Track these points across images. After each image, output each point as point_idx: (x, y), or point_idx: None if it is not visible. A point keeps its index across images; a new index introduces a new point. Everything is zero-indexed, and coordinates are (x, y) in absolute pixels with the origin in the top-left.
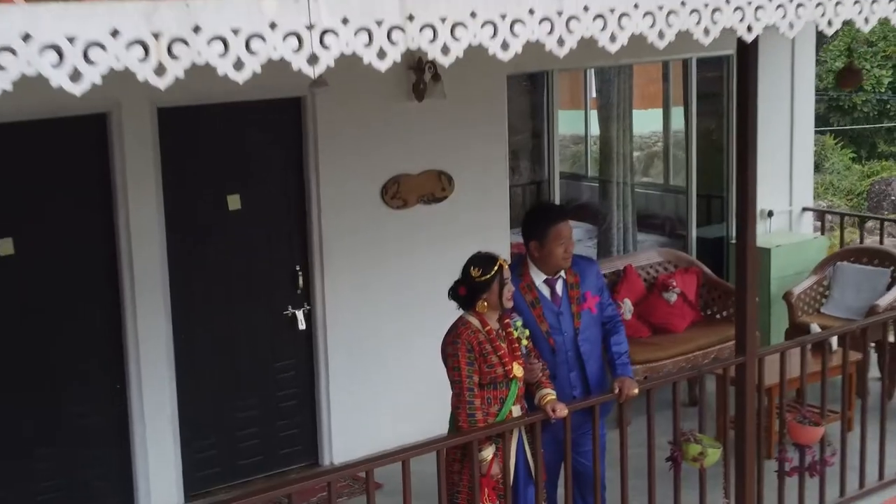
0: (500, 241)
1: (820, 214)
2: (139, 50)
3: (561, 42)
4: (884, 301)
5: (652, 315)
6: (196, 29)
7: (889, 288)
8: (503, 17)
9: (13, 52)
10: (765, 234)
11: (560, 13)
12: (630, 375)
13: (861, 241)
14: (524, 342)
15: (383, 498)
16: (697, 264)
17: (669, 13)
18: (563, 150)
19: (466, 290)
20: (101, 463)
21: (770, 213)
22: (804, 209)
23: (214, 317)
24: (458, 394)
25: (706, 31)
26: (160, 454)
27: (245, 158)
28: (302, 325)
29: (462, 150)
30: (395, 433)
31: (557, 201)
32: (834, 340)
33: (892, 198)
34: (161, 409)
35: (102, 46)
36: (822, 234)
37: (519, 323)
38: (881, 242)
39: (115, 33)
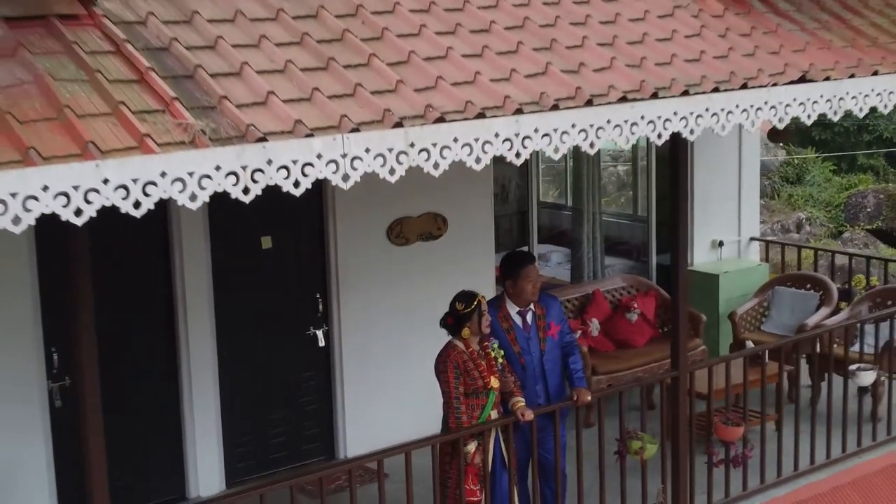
0: (486, 270)
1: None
2: (233, 177)
3: (518, 155)
4: (812, 320)
5: (616, 332)
6: (269, 161)
7: (818, 309)
8: (476, 140)
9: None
10: (716, 261)
11: (517, 134)
12: (584, 386)
13: (833, 261)
14: (500, 360)
15: (389, 485)
16: (656, 288)
17: (598, 129)
18: (545, 182)
19: (453, 321)
20: (159, 454)
21: (721, 243)
22: (751, 239)
23: (250, 336)
24: (448, 401)
25: (627, 140)
26: (206, 448)
27: (275, 208)
28: (321, 343)
29: (454, 197)
30: (399, 432)
31: (534, 234)
32: (766, 354)
33: (868, 210)
34: (207, 412)
35: (209, 177)
36: (765, 260)
37: (496, 345)
38: (816, 268)
39: (217, 168)
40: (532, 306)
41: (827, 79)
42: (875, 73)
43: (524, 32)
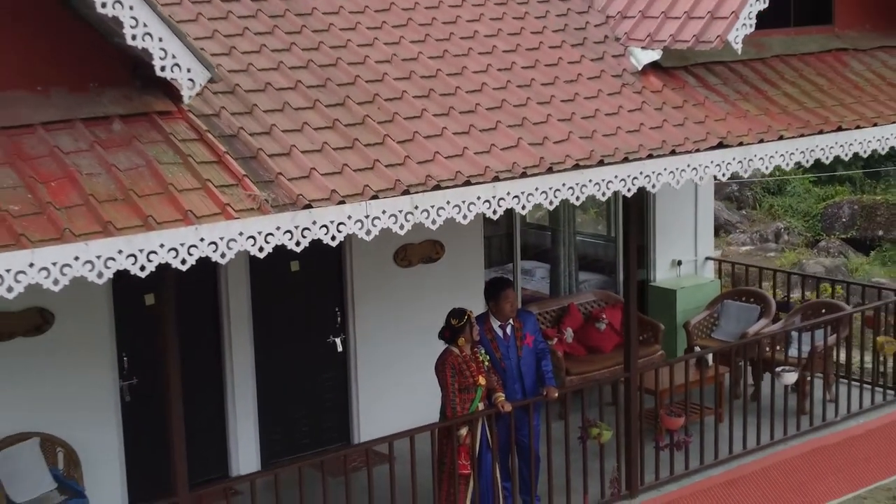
0: (477, 286)
1: (779, 236)
2: (288, 234)
3: (494, 212)
4: (752, 329)
5: (587, 339)
6: (314, 222)
7: (758, 320)
8: (463, 202)
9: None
10: (675, 277)
11: (494, 196)
12: (554, 385)
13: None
14: (486, 363)
15: (397, 466)
16: (622, 301)
17: (556, 190)
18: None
19: (449, 333)
20: (207, 438)
21: (679, 262)
22: (706, 259)
23: (282, 344)
24: (445, 395)
25: (577, 198)
26: (245, 435)
27: None
28: (340, 349)
29: (450, 227)
30: (404, 422)
31: (517, 253)
32: (710, 357)
33: (843, 220)
34: (246, 406)
35: (272, 234)
36: (720, 276)
37: (482, 351)
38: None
39: (277, 228)
40: (511, 321)
41: (740, 144)
42: (780, 138)
43: (502, 112)
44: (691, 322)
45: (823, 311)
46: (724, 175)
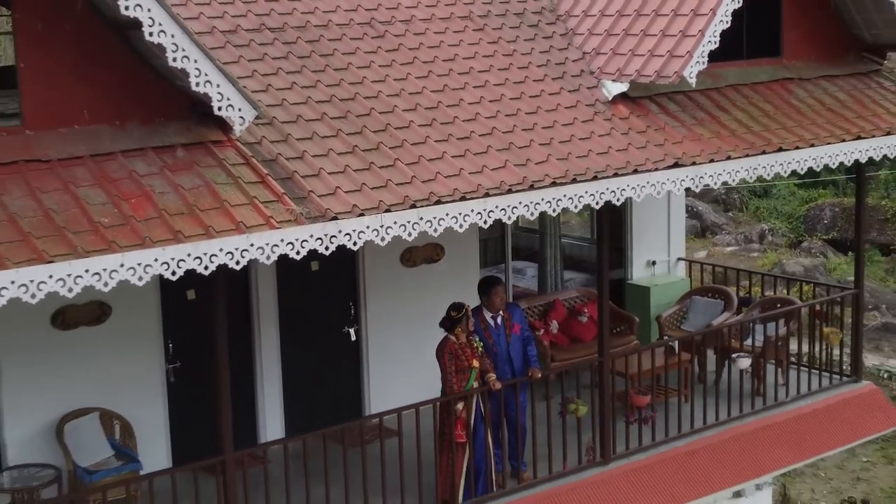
0: (472, 283)
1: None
2: (319, 241)
3: (485, 222)
4: (716, 322)
5: (570, 331)
6: (340, 231)
7: (721, 313)
8: (460, 213)
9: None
10: (650, 276)
11: (485, 209)
12: (538, 367)
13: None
14: (479, 349)
15: (405, 440)
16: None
17: (536, 204)
18: None
19: (448, 323)
20: (240, 413)
21: (654, 263)
22: (678, 259)
23: (304, 334)
24: (444, 376)
25: (554, 210)
26: (272, 411)
27: None
28: (353, 338)
29: (449, 233)
30: (409, 399)
31: (509, 254)
32: (675, 345)
33: (825, 221)
34: (273, 386)
35: (307, 241)
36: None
37: (477, 338)
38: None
39: (311, 236)
40: (501, 312)
41: (693, 163)
42: (728, 158)
43: (492, 138)
44: (663, 315)
45: (779, 305)
46: (678, 190)
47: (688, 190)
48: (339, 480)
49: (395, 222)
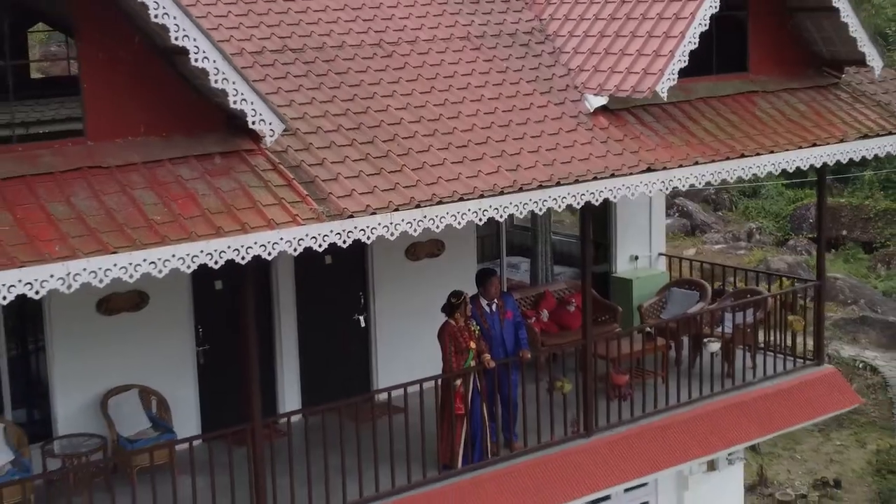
0: (470, 275)
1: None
2: (338, 236)
3: (480, 220)
4: (691, 311)
5: (559, 319)
6: (355, 227)
7: (697, 303)
8: (458, 212)
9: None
10: (633, 269)
11: (480, 208)
12: (527, 348)
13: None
14: (476, 332)
15: (410, 417)
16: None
17: (524, 204)
18: None
19: (449, 309)
20: (261, 389)
21: (636, 257)
22: (658, 254)
23: (319, 321)
24: (444, 356)
25: (540, 209)
26: (290, 387)
27: None
28: (363, 325)
29: (450, 230)
30: (412, 377)
31: (504, 250)
32: (653, 331)
33: (810, 221)
34: (291, 365)
35: (328, 235)
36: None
37: (474, 322)
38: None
39: (331, 231)
40: (495, 300)
41: (664, 168)
42: (696, 163)
43: (486, 146)
44: (644, 305)
45: (749, 296)
46: (650, 192)
47: (678, 190)
48: (353, 451)
49: (403, 220)
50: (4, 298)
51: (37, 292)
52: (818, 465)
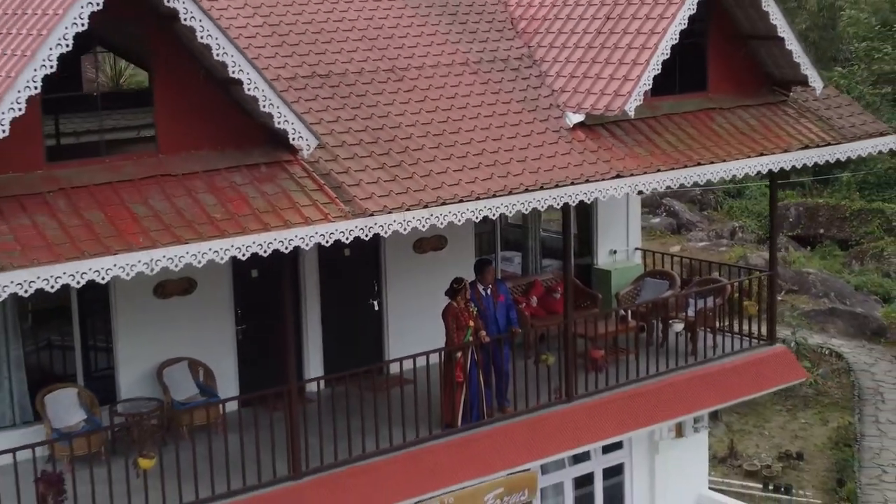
0: (469, 265)
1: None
2: (362, 231)
3: (477, 219)
4: (662, 297)
5: (547, 305)
6: (375, 223)
7: (666, 291)
8: (459, 212)
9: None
10: (612, 262)
11: (477, 209)
12: (517, 326)
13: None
14: (474, 312)
15: (419, 387)
16: (574, 280)
17: (513, 205)
18: None
19: (452, 292)
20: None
21: (615, 252)
22: (635, 249)
23: (339, 304)
24: (448, 333)
25: (526, 209)
26: (314, 360)
27: None
28: (376, 308)
29: (452, 227)
30: (419, 351)
31: (499, 246)
32: (629, 314)
33: (790, 220)
34: (315, 342)
35: (353, 230)
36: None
37: (472, 305)
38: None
39: (356, 227)
40: (490, 286)
41: (630, 175)
42: (658, 171)
43: (482, 157)
44: (620, 293)
45: (711, 284)
46: (619, 195)
47: (666, 190)
48: (370, 415)
49: (413, 218)
50: (103, 279)
51: (127, 274)
52: (784, 440)
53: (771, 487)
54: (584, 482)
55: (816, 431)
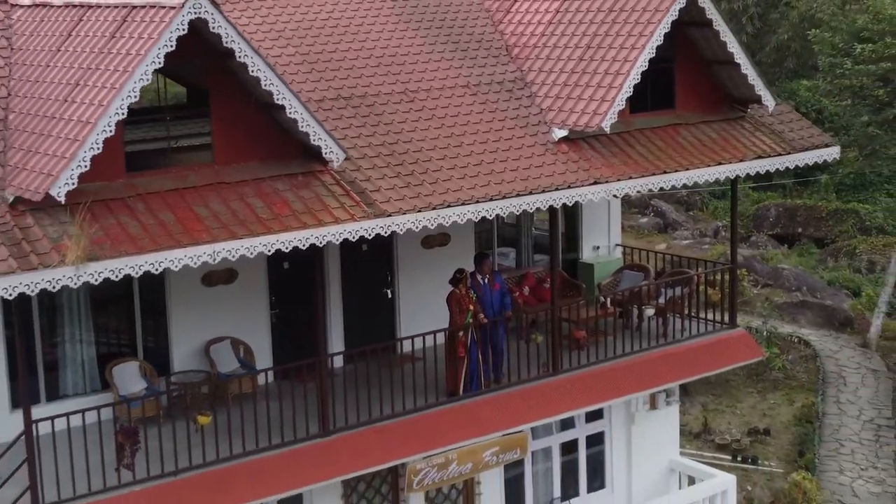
0: (469, 258)
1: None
2: (381, 229)
3: (476, 219)
4: (636, 287)
5: (537, 294)
6: (393, 223)
7: (642, 281)
8: (463, 213)
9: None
10: (595, 257)
11: (476, 210)
12: (510, 310)
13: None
14: (474, 298)
15: (427, 364)
16: (560, 272)
17: (506, 208)
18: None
19: (455, 281)
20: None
21: (597, 247)
22: (616, 245)
23: (357, 292)
24: (451, 315)
25: (517, 211)
26: (336, 339)
27: None
28: (389, 296)
29: (455, 226)
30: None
31: (495, 242)
32: (608, 301)
33: (770, 220)
34: (337, 325)
35: (374, 228)
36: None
37: (472, 292)
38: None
39: (377, 226)
40: (487, 276)
41: (606, 182)
42: (630, 178)
43: (480, 167)
44: (602, 284)
45: (680, 276)
46: (596, 199)
47: (653, 191)
48: (387, 385)
49: (424, 218)
50: (176, 267)
51: (195, 264)
52: (753, 418)
53: (739, 458)
54: (569, 449)
55: (783, 410)
